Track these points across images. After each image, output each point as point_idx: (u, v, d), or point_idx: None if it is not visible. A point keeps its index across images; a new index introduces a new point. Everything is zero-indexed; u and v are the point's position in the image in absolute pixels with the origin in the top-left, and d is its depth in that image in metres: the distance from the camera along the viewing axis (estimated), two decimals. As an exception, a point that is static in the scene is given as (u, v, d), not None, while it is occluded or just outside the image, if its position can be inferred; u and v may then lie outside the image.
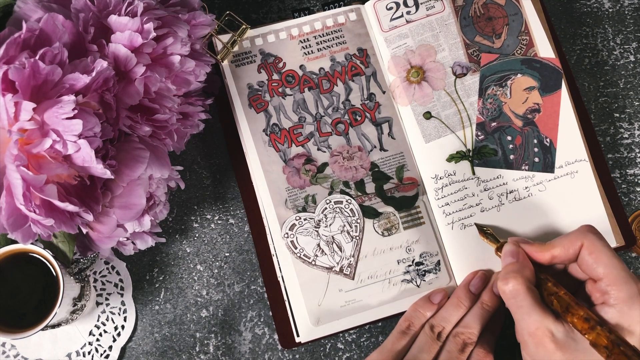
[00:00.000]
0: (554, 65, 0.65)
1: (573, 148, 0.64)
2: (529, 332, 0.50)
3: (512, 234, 0.62)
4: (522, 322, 0.51)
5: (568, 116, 0.64)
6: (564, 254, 0.53)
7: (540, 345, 0.50)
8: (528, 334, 0.50)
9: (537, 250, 0.54)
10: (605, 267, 0.50)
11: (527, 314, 0.50)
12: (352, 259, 0.63)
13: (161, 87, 0.53)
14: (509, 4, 0.67)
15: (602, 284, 0.50)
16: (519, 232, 0.62)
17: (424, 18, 0.67)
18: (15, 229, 0.47)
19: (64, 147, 0.46)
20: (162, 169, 0.54)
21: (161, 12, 0.52)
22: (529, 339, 0.50)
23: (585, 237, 0.52)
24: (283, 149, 0.65)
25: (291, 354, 0.63)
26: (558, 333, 0.49)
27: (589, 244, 0.51)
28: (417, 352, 0.56)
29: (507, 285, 0.52)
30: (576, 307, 0.49)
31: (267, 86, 0.66)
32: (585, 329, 0.48)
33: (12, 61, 0.45)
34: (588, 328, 0.48)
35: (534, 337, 0.50)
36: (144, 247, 0.60)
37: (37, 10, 0.49)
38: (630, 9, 0.71)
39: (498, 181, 0.64)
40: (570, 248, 0.52)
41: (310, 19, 0.68)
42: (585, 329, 0.48)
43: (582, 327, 0.48)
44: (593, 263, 0.51)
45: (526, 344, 0.51)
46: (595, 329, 0.47)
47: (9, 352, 0.62)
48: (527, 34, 0.66)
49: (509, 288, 0.52)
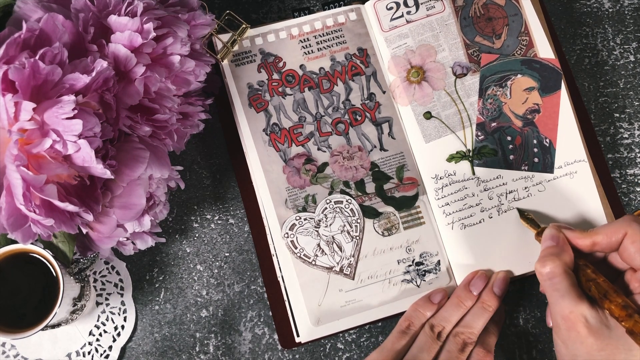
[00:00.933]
0: (553, 65, 0.65)
1: (572, 148, 0.64)
2: (563, 315, 0.50)
3: (510, 237, 0.62)
4: (557, 306, 0.50)
5: (567, 117, 0.64)
6: (606, 241, 0.52)
7: (572, 330, 0.49)
8: (562, 317, 0.50)
9: (578, 237, 0.54)
10: None
11: (562, 298, 0.50)
12: (352, 259, 0.63)
13: (161, 87, 0.53)
14: (508, 4, 0.67)
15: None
16: (518, 232, 0.62)
17: (424, 18, 0.67)
18: (15, 229, 0.47)
19: (64, 147, 0.46)
20: (162, 169, 0.54)
21: (161, 12, 0.52)
22: (562, 323, 0.50)
23: (630, 226, 0.51)
24: (283, 149, 0.65)
25: (291, 354, 0.63)
26: (592, 319, 0.49)
27: (632, 233, 0.51)
28: (417, 352, 0.56)
29: (545, 267, 0.52)
30: (614, 295, 0.49)
31: (267, 86, 0.66)
32: (622, 316, 0.47)
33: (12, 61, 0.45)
34: (625, 316, 0.47)
35: (567, 321, 0.49)
36: (144, 247, 0.60)
37: (37, 10, 0.49)
38: (630, 9, 0.71)
39: (498, 181, 0.64)
40: (613, 236, 0.52)
41: (310, 18, 0.68)
42: (623, 317, 0.47)
43: (619, 315, 0.48)
44: (635, 252, 0.50)
45: (559, 328, 0.51)
46: (633, 317, 0.47)
47: (8, 352, 0.62)
48: (527, 34, 0.66)
49: (546, 270, 0.51)
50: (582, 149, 0.64)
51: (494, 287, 0.59)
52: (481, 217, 0.63)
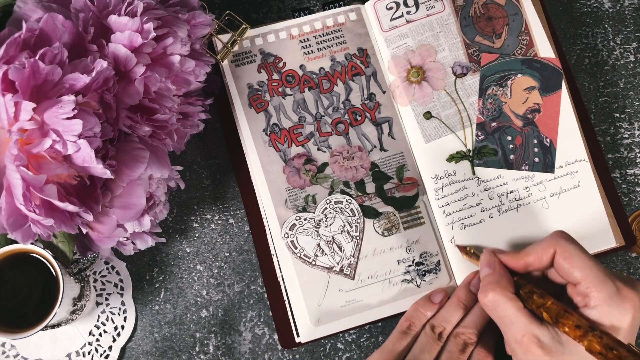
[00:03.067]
0: (554, 65, 0.65)
1: (573, 148, 0.64)
2: (516, 340, 0.50)
3: (510, 237, 0.62)
4: (508, 332, 0.51)
5: (568, 116, 0.64)
6: (537, 261, 0.53)
7: (528, 352, 0.50)
8: (515, 342, 0.50)
9: (511, 259, 0.55)
10: (581, 270, 0.50)
11: (511, 323, 0.50)
12: (352, 259, 0.63)
13: (161, 87, 0.53)
14: (509, 4, 0.67)
15: (581, 287, 0.50)
16: (518, 233, 0.62)
17: (424, 18, 0.67)
18: (15, 229, 0.47)
19: (64, 147, 0.46)
20: (162, 169, 0.54)
21: (161, 12, 0.52)
22: (516, 347, 0.50)
23: (558, 243, 0.52)
24: (283, 149, 0.65)
25: (291, 354, 0.63)
26: (544, 337, 0.49)
27: (562, 250, 0.51)
28: (418, 353, 0.56)
29: (487, 297, 0.52)
30: (566, 316, 0.49)
31: (267, 86, 0.66)
32: (578, 336, 0.48)
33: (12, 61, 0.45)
34: (581, 335, 0.47)
35: (521, 345, 0.50)
36: (144, 247, 0.60)
37: (37, 10, 0.49)
38: (630, 9, 0.71)
39: (498, 181, 0.63)
40: (544, 255, 0.53)
41: (310, 18, 0.68)
42: (578, 337, 0.48)
43: (574, 335, 0.48)
44: (569, 268, 0.51)
45: (515, 353, 0.51)
46: (587, 336, 0.47)
47: (8, 352, 0.62)
48: (527, 34, 0.66)
49: (489, 299, 0.52)
50: (583, 148, 0.64)
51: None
52: (481, 217, 0.63)
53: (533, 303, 0.51)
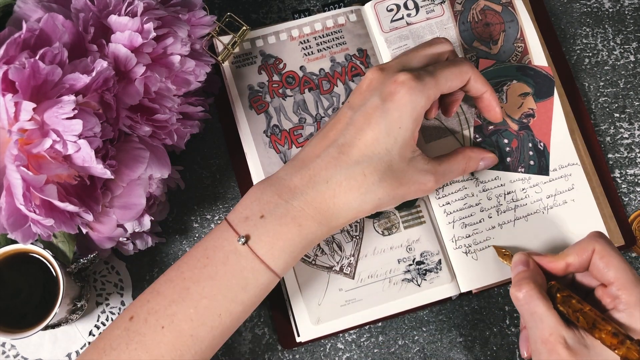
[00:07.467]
0: (546, 73, 0.66)
1: (565, 152, 0.64)
2: (543, 339, 0.50)
3: (509, 237, 0.63)
4: (536, 330, 0.50)
5: (560, 122, 0.65)
6: (577, 261, 0.53)
7: (553, 352, 0.49)
8: (541, 341, 0.50)
9: (550, 261, 0.54)
10: (616, 271, 0.50)
11: (541, 320, 0.50)
12: (352, 258, 0.63)
13: (161, 87, 0.53)
14: (505, 10, 0.68)
15: (612, 289, 0.50)
16: (517, 233, 0.63)
17: (424, 21, 0.67)
18: (15, 229, 0.47)
19: (64, 147, 0.46)
20: (162, 169, 0.54)
21: (161, 12, 0.52)
22: (542, 347, 0.50)
23: (597, 242, 0.52)
24: (283, 150, 0.65)
25: (291, 354, 0.63)
26: (570, 340, 0.49)
27: (600, 249, 0.51)
28: None
29: (521, 291, 0.51)
30: (603, 323, 0.48)
31: (267, 87, 0.66)
32: (614, 344, 0.47)
33: (12, 61, 0.45)
34: (617, 343, 0.47)
35: (547, 344, 0.49)
36: (144, 247, 0.61)
37: (37, 10, 0.49)
38: (630, 9, 0.71)
39: (496, 182, 0.64)
40: (584, 254, 0.52)
41: (310, 20, 0.68)
42: (615, 345, 0.47)
43: (610, 343, 0.47)
44: (604, 267, 0.51)
45: (539, 352, 0.50)
46: (625, 344, 0.46)
47: (8, 352, 0.62)
48: (522, 41, 0.67)
49: (522, 294, 0.51)
50: (574, 152, 0.64)
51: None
52: (481, 216, 0.63)
53: (570, 307, 0.50)
